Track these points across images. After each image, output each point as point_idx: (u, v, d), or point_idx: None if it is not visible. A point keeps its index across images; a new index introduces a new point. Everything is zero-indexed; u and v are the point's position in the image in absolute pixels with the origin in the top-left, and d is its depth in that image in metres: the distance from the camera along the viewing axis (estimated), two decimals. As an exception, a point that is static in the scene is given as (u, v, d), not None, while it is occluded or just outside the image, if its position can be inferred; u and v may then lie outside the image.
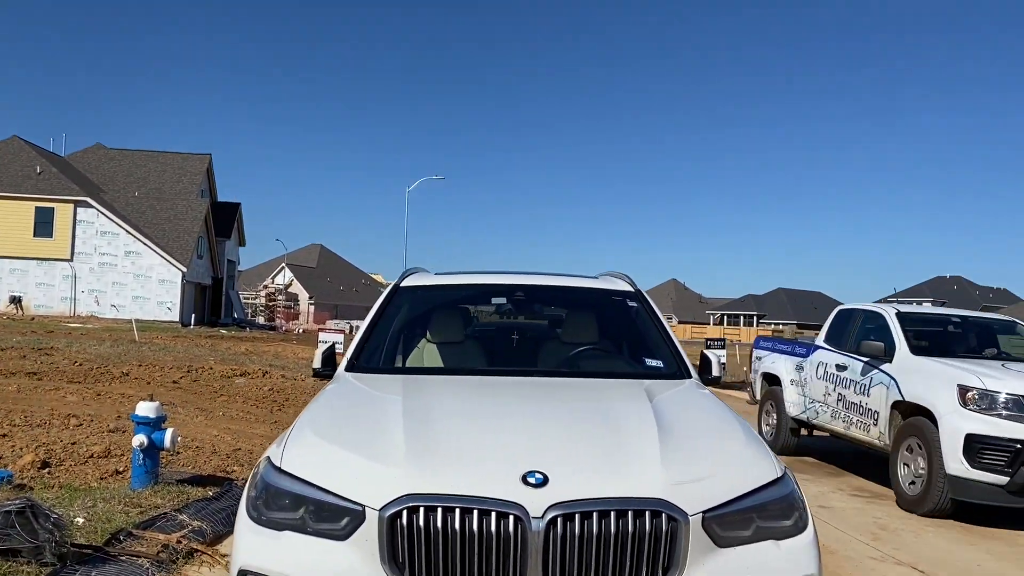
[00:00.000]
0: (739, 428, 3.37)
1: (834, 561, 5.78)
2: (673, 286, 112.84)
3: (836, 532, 6.64)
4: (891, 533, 6.67)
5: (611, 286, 5.15)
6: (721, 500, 2.85)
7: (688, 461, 2.98)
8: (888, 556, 5.95)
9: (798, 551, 2.92)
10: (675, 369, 4.39)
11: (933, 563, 5.80)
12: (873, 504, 7.82)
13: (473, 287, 5.33)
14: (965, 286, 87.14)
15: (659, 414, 3.36)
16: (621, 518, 2.69)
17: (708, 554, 2.78)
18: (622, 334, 4.95)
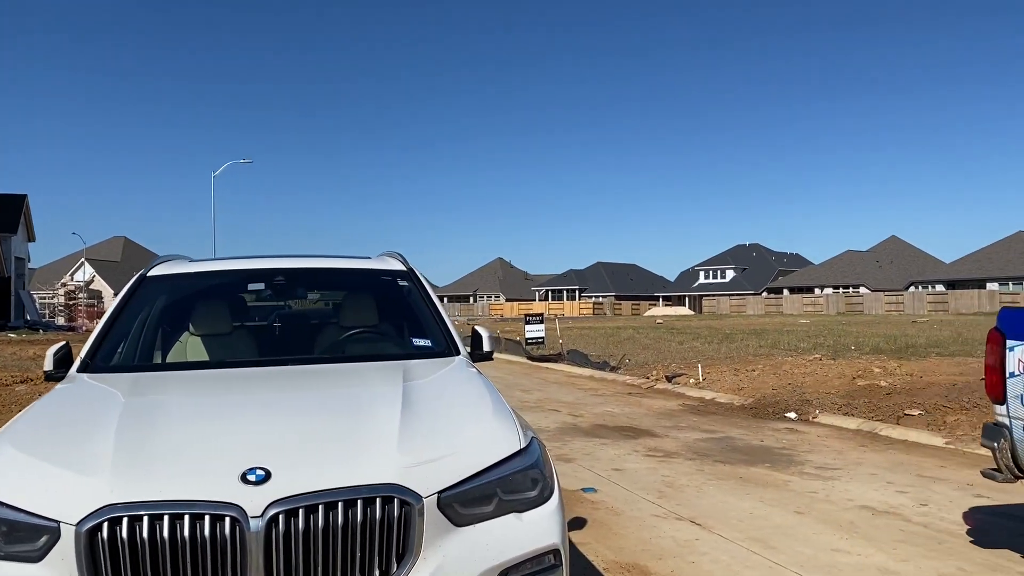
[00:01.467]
0: (488, 402, 3.33)
1: (619, 522, 5.98)
2: (500, 264, 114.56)
3: (625, 493, 6.88)
4: (676, 490, 6.99)
5: (381, 266, 5.00)
6: (460, 477, 2.78)
7: (427, 442, 2.89)
8: (670, 513, 6.22)
9: (540, 522, 2.91)
10: (444, 347, 4.32)
11: (709, 515, 6.11)
12: (664, 463, 8.19)
13: (230, 273, 5.00)
14: (763, 252, 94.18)
15: (408, 396, 3.27)
16: (350, 508, 2.56)
17: (446, 535, 2.70)
18: (392, 315, 4.82)
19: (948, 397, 11.04)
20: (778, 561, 4.99)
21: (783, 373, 15.15)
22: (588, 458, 8.50)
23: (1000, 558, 4.98)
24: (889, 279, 76.06)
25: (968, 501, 6.43)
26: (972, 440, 8.84)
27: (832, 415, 10.94)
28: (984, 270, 67.53)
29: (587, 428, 10.64)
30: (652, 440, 9.61)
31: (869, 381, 13.47)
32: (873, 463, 8.04)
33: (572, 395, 14.62)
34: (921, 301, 63.74)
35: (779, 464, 8.06)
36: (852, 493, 6.76)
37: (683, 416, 11.70)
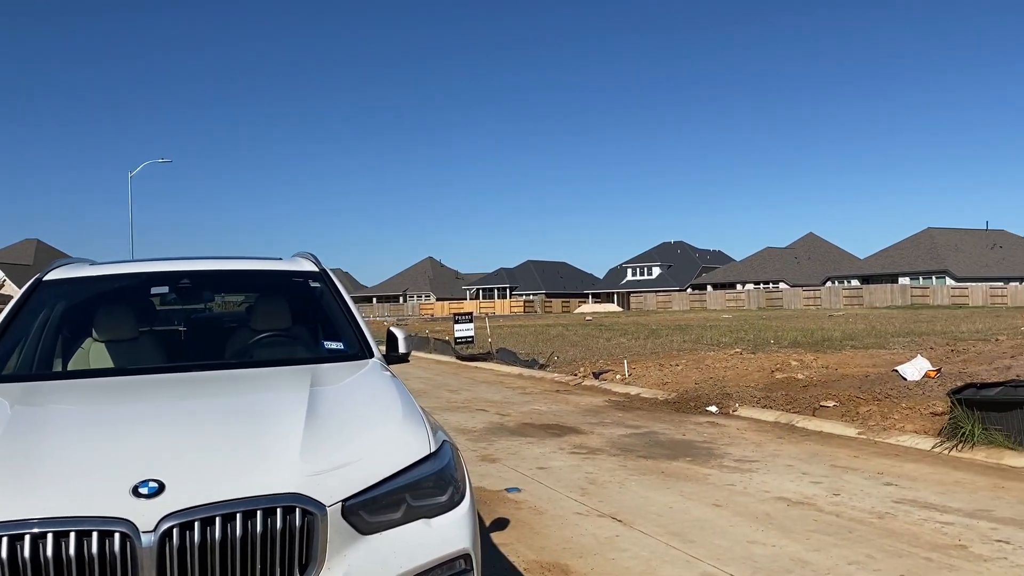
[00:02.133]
0: (398, 405, 3.26)
1: (542, 521, 5.97)
2: (430, 264, 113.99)
3: (549, 492, 6.89)
4: (599, 487, 7.03)
5: (293, 267, 4.88)
6: (366, 484, 2.72)
7: (331, 448, 2.82)
8: (592, 510, 6.25)
9: (451, 527, 2.86)
10: (356, 350, 4.23)
11: (631, 511, 6.16)
12: (589, 460, 8.24)
13: (133, 276, 4.81)
14: (688, 250, 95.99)
15: (315, 401, 3.18)
16: (249, 520, 2.47)
17: (351, 544, 2.64)
18: (304, 317, 4.70)
19: (861, 388, 11.41)
20: (696, 555, 5.05)
21: (705, 367, 15.44)
22: (514, 457, 8.49)
23: (906, 544, 5.15)
24: (807, 275, 78.45)
25: (878, 490, 6.64)
26: (883, 430, 9.16)
27: (751, 408, 11.20)
28: (896, 265, 70.25)
29: (514, 427, 10.63)
30: (578, 437, 9.66)
31: (787, 374, 13.84)
32: (790, 454, 8.25)
33: (500, 394, 14.61)
34: (837, 296, 65.91)
35: (700, 458, 8.19)
36: (769, 485, 6.91)
37: (609, 412, 11.81)
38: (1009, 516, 5.73)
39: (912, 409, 9.74)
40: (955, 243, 71.31)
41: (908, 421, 9.34)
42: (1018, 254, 72.82)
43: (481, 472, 7.76)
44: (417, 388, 15.90)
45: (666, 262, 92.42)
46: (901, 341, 20.49)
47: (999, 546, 5.05)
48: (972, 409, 8.05)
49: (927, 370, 11.98)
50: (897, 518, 5.77)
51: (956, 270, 66.27)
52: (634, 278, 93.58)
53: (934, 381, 11.46)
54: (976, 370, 12.44)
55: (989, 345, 17.74)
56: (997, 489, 6.53)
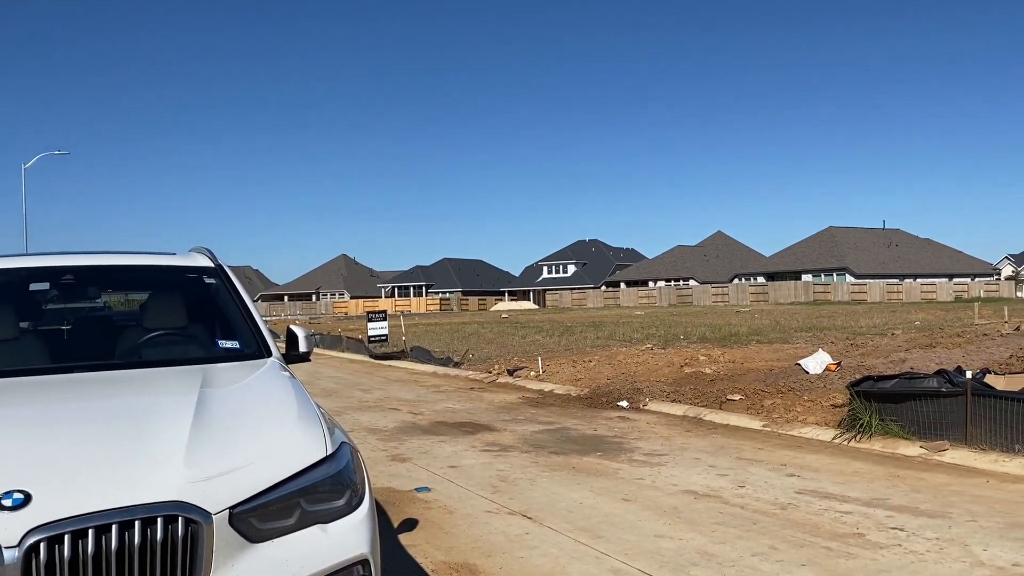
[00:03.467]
0: (293, 407, 3.11)
1: (452, 521, 5.88)
2: (344, 261, 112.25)
3: (460, 490, 6.80)
4: (510, 484, 6.98)
5: (187, 262, 4.64)
6: (256, 490, 2.57)
7: (219, 453, 2.66)
8: (503, 508, 6.19)
9: (348, 532, 2.74)
10: (253, 349, 4.05)
11: (541, 508, 6.13)
12: (500, 457, 8.18)
13: (9, 272, 4.48)
14: (602, 248, 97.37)
15: (204, 403, 3.00)
16: (126, 531, 2.30)
17: (239, 553, 2.49)
18: (198, 315, 4.47)
19: (766, 382, 11.72)
20: (604, 551, 5.05)
21: (617, 363, 15.62)
22: (425, 456, 8.37)
23: (808, 534, 5.27)
24: (716, 272, 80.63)
25: (782, 481, 6.80)
26: (786, 422, 9.41)
27: (661, 402, 11.36)
28: (800, 263, 72.89)
29: (426, 426, 10.50)
30: (490, 434, 9.60)
31: (695, 369, 14.11)
32: (697, 448, 8.38)
33: (413, 392, 14.44)
34: (744, 292, 67.94)
35: (610, 452, 8.24)
36: (677, 478, 6.99)
37: (522, 409, 11.79)
38: (903, 504, 5.94)
39: (814, 402, 10.05)
40: (855, 242, 74.45)
41: (810, 413, 9.63)
42: (913, 253, 76.57)
43: (391, 472, 7.61)
44: (328, 388, 15.57)
45: (581, 260, 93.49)
46: (804, 336, 21.20)
47: (894, 533, 5.22)
48: (869, 401, 8.34)
49: (828, 364, 12.40)
50: (799, 509, 5.91)
51: (856, 268, 69.19)
52: (550, 276, 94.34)
53: (834, 374, 11.86)
54: (873, 363, 12.94)
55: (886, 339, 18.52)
56: (892, 478, 6.77)
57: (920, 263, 74.69)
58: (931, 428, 7.81)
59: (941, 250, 79.58)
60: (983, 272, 78.21)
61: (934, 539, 5.07)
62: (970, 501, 5.95)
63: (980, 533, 5.16)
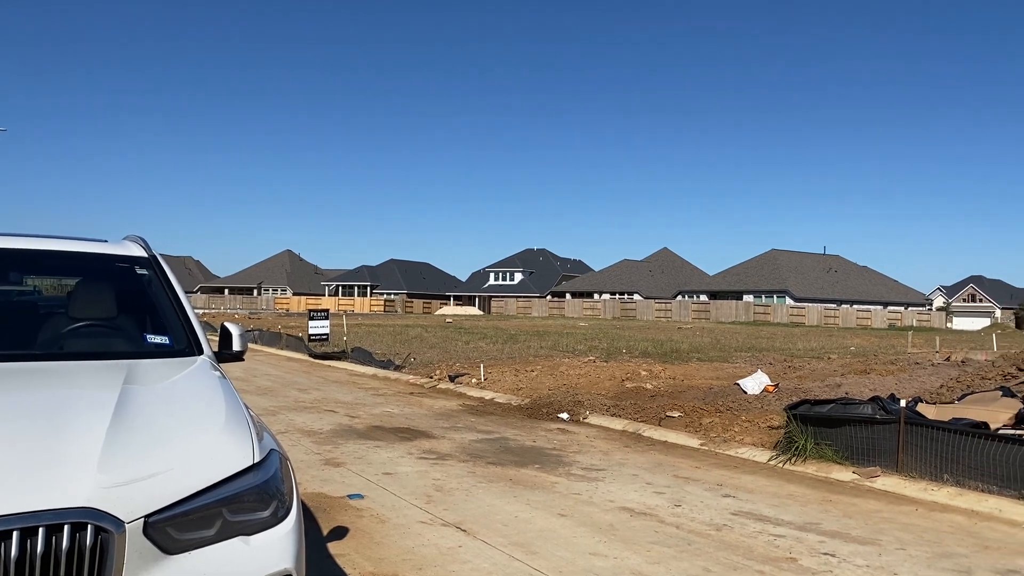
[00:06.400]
0: (222, 410, 2.95)
1: (383, 530, 5.73)
2: (288, 257, 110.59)
3: (394, 499, 6.65)
4: (445, 494, 6.85)
5: (118, 251, 4.42)
6: (174, 498, 2.42)
7: (136, 456, 2.49)
8: (437, 518, 6.06)
9: (272, 545, 2.60)
10: (184, 346, 3.86)
11: (476, 520, 6.02)
12: (437, 466, 8.05)
13: None
14: (549, 257, 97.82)
15: (125, 402, 2.83)
16: (29, 539, 2.13)
17: (154, 565, 2.34)
18: (127, 307, 4.25)
19: (705, 400, 11.81)
20: (538, 567, 4.96)
21: (560, 374, 15.60)
22: (360, 462, 8.18)
23: (741, 557, 5.26)
24: (660, 287, 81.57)
25: (717, 502, 6.80)
26: (724, 442, 9.47)
27: (601, 416, 11.35)
28: (742, 283, 74.17)
29: (363, 430, 10.30)
30: (428, 442, 9.45)
31: (636, 383, 14.17)
32: (635, 464, 8.36)
33: (352, 395, 14.19)
34: (687, 309, 68.85)
35: (548, 465, 8.17)
36: (614, 494, 6.95)
37: (462, 416, 11.66)
38: (835, 529, 5.98)
39: (751, 422, 10.14)
40: (795, 265, 76.08)
41: (747, 433, 9.71)
42: (850, 279, 78.55)
43: (324, 477, 7.42)
44: (264, 386, 15.23)
45: (528, 268, 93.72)
46: (743, 355, 21.52)
47: (825, 559, 5.24)
48: (806, 424, 8.44)
49: (766, 385, 12.56)
50: (734, 530, 5.91)
51: (795, 290, 70.69)
52: (496, 282, 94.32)
53: (772, 396, 12.02)
54: (810, 386, 13.16)
55: (822, 363, 18.89)
56: (825, 503, 6.83)
57: (857, 289, 76.67)
58: (864, 454, 7.92)
59: (877, 278, 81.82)
60: (916, 302, 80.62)
61: (864, 566, 5.10)
62: (900, 529, 6.02)
63: (909, 562, 5.21)
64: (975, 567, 5.13)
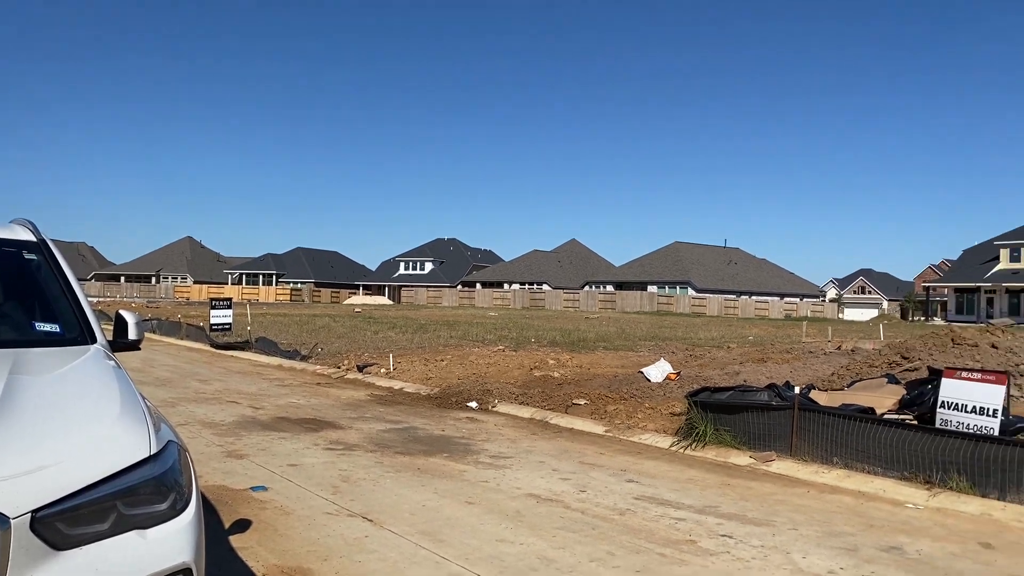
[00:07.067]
0: (115, 401, 2.84)
1: (288, 522, 5.63)
2: (189, 243, 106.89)
3: (299, 490, 6.54)
4: (352, 484, 6.79)
5: (4, 235, 4.18)
6: (64, 492, 2.32)
7: (23, 449, 2.38)
8: (343, 509, 6.00)
9: (170, 538, 2.52)
10: (76, 334, 3.70)
11: (383, 510, 5.98)
12: (344, 456, 7.95)
13: None
14: (460, 247, 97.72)
15: (11, 392, 2.70)
16: None
17: (43, 562, 2.24)
18: (13, 293, 4.04)
19: (610, 388, 12.04)
20: (445, 555, 4.97)
21: (469, 364, 15.63)
22: (263, 453, 8.01)
23: (644, 540, 5.41)
24: (568, 278, 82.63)
25: (621, 487, 6.96)
26: (628, 428, 9.68)
27: (509, 404, 11.44)
28: (647, 274, 75.86)
29: (267, 421, 10.08)
30: (335, 432, 9.33)
31: (545, 372, 14.34)
32: (542, 451, 8.47)
33: (256, 385, 13.87)
34: (594, 299, 69.97)
35: (457, 454, 8.19)
36: (521, 482, 7.03)
37: (370, 407, 11.56)
38: (733, 512, 6.21)
39: (654, 409, 10.41)
40: (697, 257, 78.26)
41: (650, 420, 9.96)
42: (749, 271, 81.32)
43: (226, 469, 7.23)
44: (163, 377, 14.72)
45: (439, 258, 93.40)
46: (647, 344, 22.03)
47: (723, 540, 5.44)
48: (706, 411, 8.72)
49: (669, 373, 12.91)
50: (636, 514, 6.06)
51: (697, 282, 72.73)
52: (406, 272, 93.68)
53: (674, 383, 12.36)
54: (711, 374, 13.59)
55: (722, 352, 19.53)
56: (724, 486, 7.08)
57: (755, 281, 79.45)
58: (761, 439, 8.24)
59: (775, 270, 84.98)
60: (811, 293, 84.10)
61: (759, 547, 5.32)
62: (792, 510, 6.30)
63: (800, 541, 5.46)
64: (861, 544, 5.42)
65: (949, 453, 6.78)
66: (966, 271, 66.88)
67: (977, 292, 64.36)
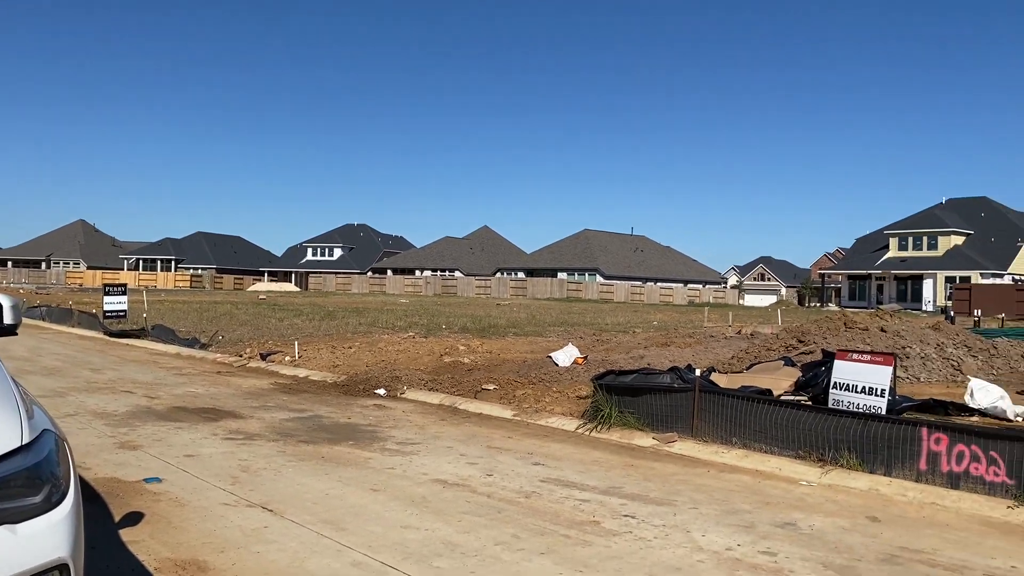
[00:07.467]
0: None
1: (183, 514, 5.43)
2: (81, 227, 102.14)
3: (195, 481, 6.31)
4: (252, 475, 6.59)
5: None
6: None
7: None
8: (242, 500, 5.81)
9: (44, 533, 2.37)
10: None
11: (284, 500, 5.83)
12: (244, 446, 7.72)
13: None
14: (370, 233, 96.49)
15: None
16: None
17: None
18: None
19: (519, 373, 12.09)
20: (348, 543, 4.88)
21: (378, 350, 15.43)
22: (158, 444, 7.70)
23: (549, 522, 5.44)
24: (480, 265, 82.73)
25: (528, 470, 6.99)
26: (535, 412, 9.74)
27: (419, 391, 11.35)
28: (557, 261, 76.66)
29: (163, 411, 9.70)
30: (235, 422, 9.05)
31: (454, 358, 14.29)
32: (450, 436, 8.43)
33: (152, 374, 13.33)
34: (505, 286, 70.29)
35: (363, 441, 8.07)
36: (428, 467, 6.97)
37: (273, 395, 11.27)
38: (636, 492, 6.32)
39: (562, 393, 10.51)
40: (605, 245, 79.57)
41: (558, 404, 10.05)
42: (655, 258, 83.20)
43: (118, 461, 6.92)
44: (52, 366, 14.01)
45: (348, 244, 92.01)
46: (556, 330, 22.26)
47: (626, 521, 5.52)
48: (611, 394, 8.84)
49: (576, 357, 13.05)
50: (542, 497, 6.09)
51: (605, 269, 73.97)
52: (314, 258, 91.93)
53: (582, 367, 12.50)
54: (617, 358, 13.81)
55: (628, 336, 19.90)
56: (627, 467, 7.20)
57: (661, 268, 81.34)
58: (664, 420, 8.42)
59: (679, 258, 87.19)
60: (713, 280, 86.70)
61: (661, 526, 5.42)
62: (693, 489, 6.45)
63: (700, 520, 5.59)
64: (758, 521, 5.59)
65: (841, 432, 7.07)
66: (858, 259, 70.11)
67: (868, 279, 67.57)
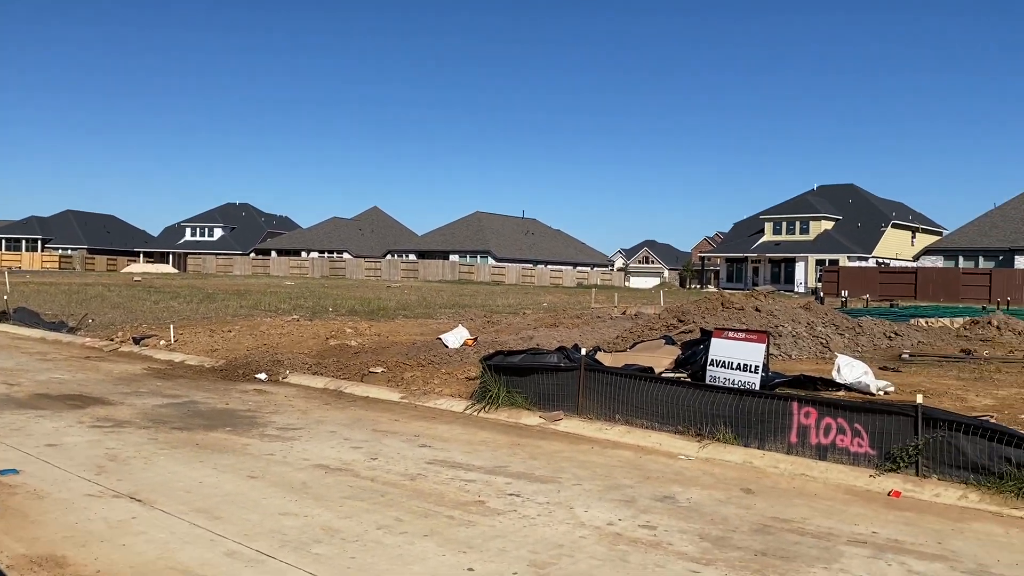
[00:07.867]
0: None
1: (41, 507, 5.08)
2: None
3: (57, 472, 5.93)
4: (120, 464, 6.24)
5: None
6: None
7: None
8: (108, 490, 5.49)
9: None
10: None
11: (155, 489, 5.54)
12: (112, 434, 7.31)
13: None
14: (253, 213, 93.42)
15: None
16: None
17: None
18: None
19: (408, 355, 11.95)
20: (222, 533, 4.68)
21: (260, 334, 14.95)
22: (17, 434, 7.20)
23: (433, 504, 5.38)
24: (370, 246, 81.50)
25: (414, 452, 6.91)
26: (424, 394, 9.65)
27: (302, 375, 11.06)
28: (448, 243, 76.40)
29: (24, 398, 9.08)
30: (103, 409, 8.56)
31: (341, 341, 14.00)
32: (335, 420, 8.24)
33: (13, 360, 12.49)
34: (396, 268, 69.52)
35: (241, 427, 7.78)
36: (309, 452, 6.78)
37: (146, 381, 10.74)
38: (521, 471, 6.34)
39: (451, 374, 10.45)
40: (497, 227, 79.83)
41: (446, 385, 9.98)
42: (546, 241, 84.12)
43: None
44: None
45: (230, 224, 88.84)
46: (447, 312, 22.18)
47: (511, 500, 5.53)
48: (499, 374, 8.85)
49: (466, 339, 13.01)
50: (427, 479, 6.03)
51: (497, 251, 74.24)
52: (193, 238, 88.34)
53: (471, 349, 12.47)
54: (506, 339, 13.86)
55: (518, 318, 20.04)
56: (514, 446, 7.22)
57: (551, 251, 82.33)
58: (551, 399, 8.49)
59: (569, 241, 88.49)
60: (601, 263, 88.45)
61: (545, 503, 5.46)
62: (577, 466, 6.53)
63: (583, 496, 5.66)
64: (638, 496, 5.70)
65: (717, 407, 7.30)
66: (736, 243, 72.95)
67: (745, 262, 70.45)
